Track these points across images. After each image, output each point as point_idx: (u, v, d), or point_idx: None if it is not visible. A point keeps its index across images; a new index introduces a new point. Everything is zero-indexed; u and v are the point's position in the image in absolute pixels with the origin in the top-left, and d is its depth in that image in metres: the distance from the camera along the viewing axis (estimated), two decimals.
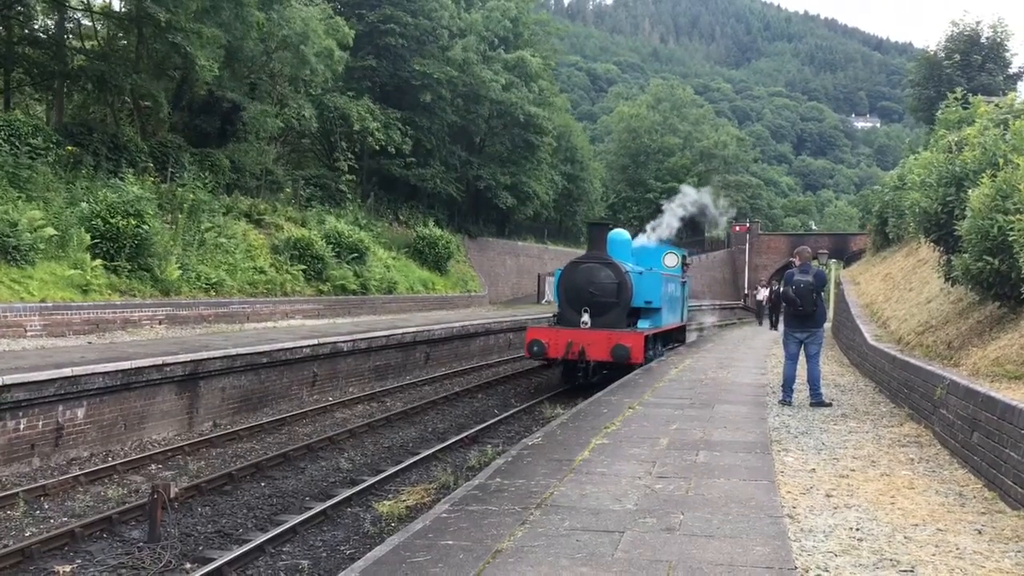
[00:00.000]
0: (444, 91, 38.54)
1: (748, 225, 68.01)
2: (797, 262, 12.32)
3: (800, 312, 11.94)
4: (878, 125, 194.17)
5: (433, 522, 5.89)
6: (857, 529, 5.95)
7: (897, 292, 19.75)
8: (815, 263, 12.84)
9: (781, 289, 12.47)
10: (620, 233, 20.42)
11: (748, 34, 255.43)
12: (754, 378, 15.39)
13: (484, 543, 5.39)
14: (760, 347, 23.16)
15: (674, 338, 23.08)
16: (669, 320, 20.74)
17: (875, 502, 6.71)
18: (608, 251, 18.57)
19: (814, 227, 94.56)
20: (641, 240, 23.53)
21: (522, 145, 45.18)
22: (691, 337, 26.89)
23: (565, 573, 4.87)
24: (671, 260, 21.90)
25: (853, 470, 7.84)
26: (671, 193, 66.67)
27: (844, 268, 42.28)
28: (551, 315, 20.59)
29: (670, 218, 25.78)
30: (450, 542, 5.41)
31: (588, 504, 6.37)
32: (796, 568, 5.04)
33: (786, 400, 12.07)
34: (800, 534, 5.78)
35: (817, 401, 11.96)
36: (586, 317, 17.47)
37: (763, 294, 34.80)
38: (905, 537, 5.80)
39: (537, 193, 47.05)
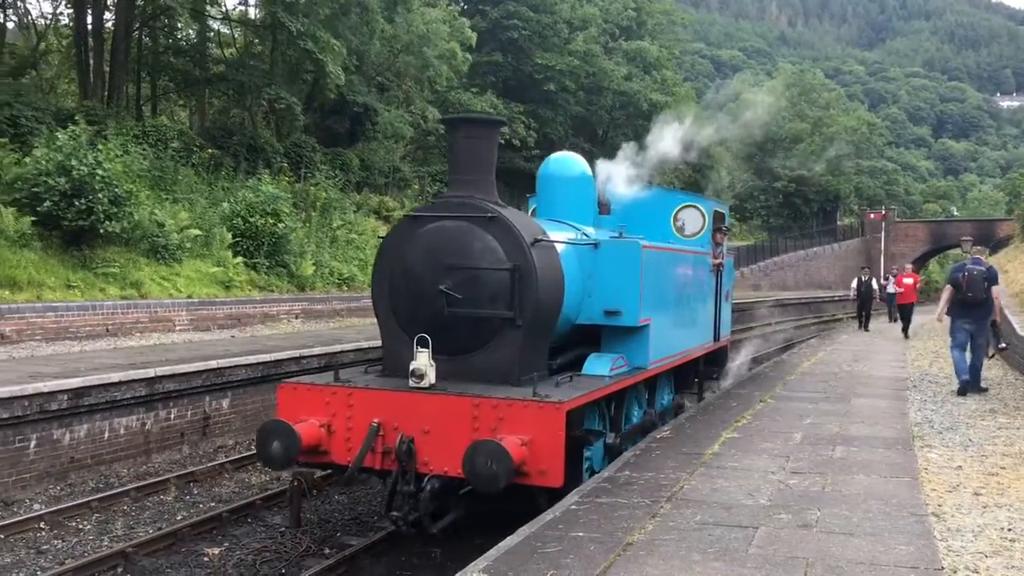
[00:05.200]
0: (568, 82, 38.57)
1: (884, 212, 65.20)
2: (972, 253, 12.39)
3: (968, 299, 11.64)
4: None
5: (563, 514, 5.92)
6: (1009, 529, 5.65)
7: None
8: (966, 255, 12.71)
9: (951, 277, 12.28)
10: (568, 162, 9.69)
11: (882, 13, 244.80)
12: (892, 371, 14.77)
13: (615, 535, 5.38)
14: (897, 338, 22.18)
15: (698, 371, 12.31)
16: (677, 344, 10.11)
17: None
18: (539, 206, 9.61)
19: (956, 213, 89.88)
20: (622, 183, 10.72)
21: (646, 136, 44.78)
22: (738, 355, 15.95)
23: (697, 568, 4.81)
24: (692, 220, 11.40)
25: (1003, 467, 7.44)
26: (800, 182, 65.00)
27: (990, 256, 40.11)
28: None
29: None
30: (580, 534, 5.43)
31: (719, 498, 6.27)
32: (943, 569, 4.83)
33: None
34: (947, 533, 5.53)
35: (976, 387, 11.86)
36: (423, 357, 7.11)
37: (889, 284, 26.15)
38: None
39: (661, 184, 46.58)
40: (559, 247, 8.06)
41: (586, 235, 8.96)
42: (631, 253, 8.53)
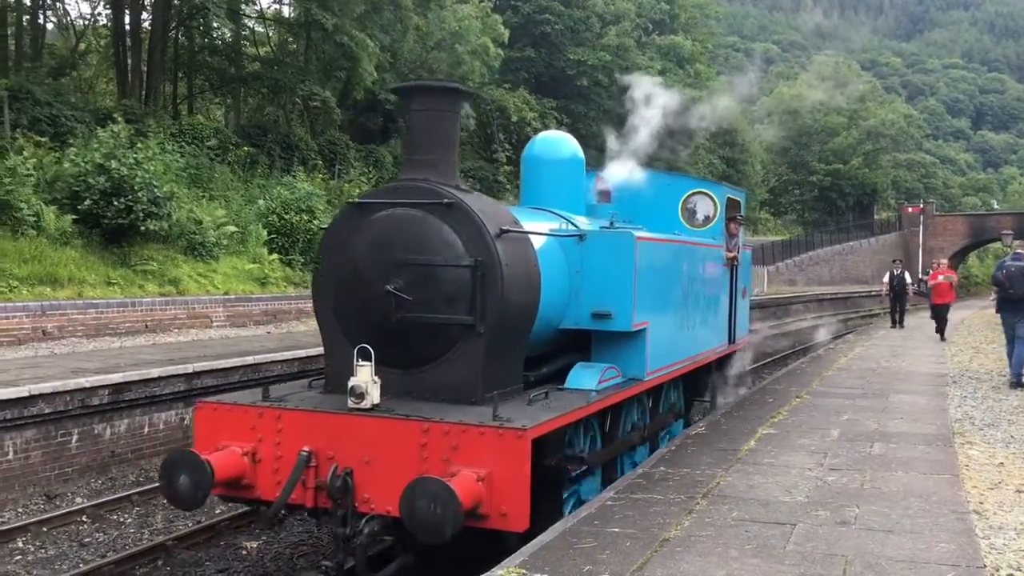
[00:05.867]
0: (600, 77, 38.48)
1: (922, 206, 64.27)
2: (1013, 248, 12.81)
3: (1010, 295, 12.10)
4: None
5: (598, 509, 5.92)
6: None
7: None
8: (1007, 249, 12.89)
9: (993, 277, 12.78)
10: (556, 142, 8.44)
11: (920, 4, 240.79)
12: (932, 367, 14.58)
13: (651, 531, 5.37)
14: (934, 335, 21.85)
15: (706, 378, 10.81)
16: (683, 349, 8.78)
17: None
18: (524, 193, 8.42)
19: (996, 206, 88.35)
20: (618, 168, 9.50)
21: (678, 130, 44.60)
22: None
23: (735, 564, 4.79)
24: (703, 207, 10.12)
25: None
26: (835, 175, 64.21)
27: None
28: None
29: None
30: (616, 530, 5.42)
31: (756, 495, 6.24)
32: (985, 567, 4.77)
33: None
34: (989, 531, 5.46)
35: (1017, 382, 11.99)
36: (365, 372, 5.93)
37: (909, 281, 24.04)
38: None
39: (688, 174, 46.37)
40: (537, 240, 6.80)
41: (575, 225, 7.61)
42: (622, 246, 7.21)
